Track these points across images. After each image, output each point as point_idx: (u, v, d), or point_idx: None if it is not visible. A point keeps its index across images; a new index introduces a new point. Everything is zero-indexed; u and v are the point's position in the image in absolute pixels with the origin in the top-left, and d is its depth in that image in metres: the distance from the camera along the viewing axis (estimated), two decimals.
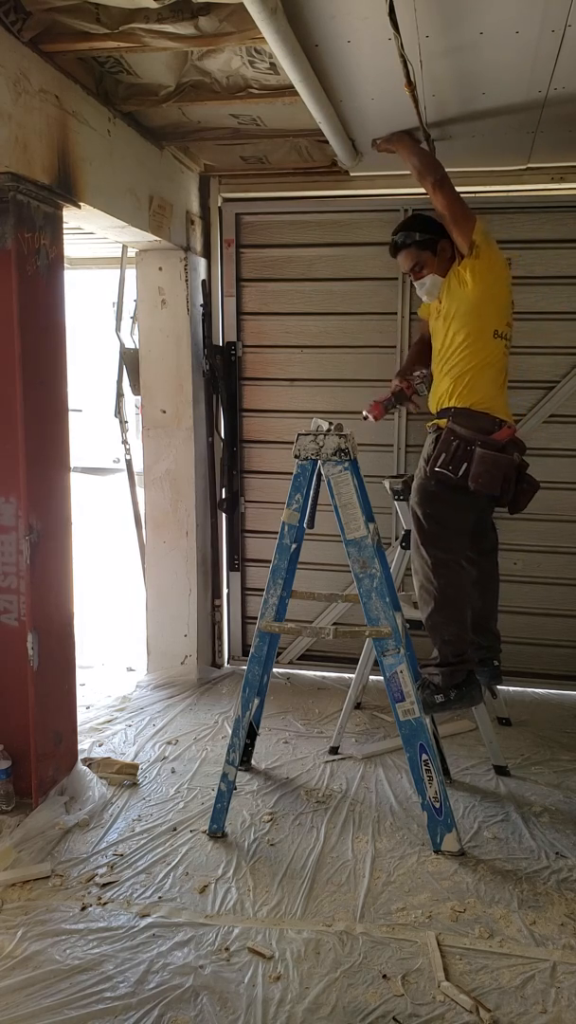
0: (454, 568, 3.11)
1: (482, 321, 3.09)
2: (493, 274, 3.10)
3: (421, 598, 3.12)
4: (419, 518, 3.09)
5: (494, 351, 3.12)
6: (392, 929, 2.44)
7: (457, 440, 3.01)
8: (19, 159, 2.67)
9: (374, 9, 2.29)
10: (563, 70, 2.72)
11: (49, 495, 2.98)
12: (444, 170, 3.12)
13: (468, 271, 3.07)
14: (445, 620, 3.06)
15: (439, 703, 2.99)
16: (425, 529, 3.07)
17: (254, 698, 3.06)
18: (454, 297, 3.12)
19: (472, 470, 2.99)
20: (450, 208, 3.07)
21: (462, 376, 3.10)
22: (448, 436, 3.03)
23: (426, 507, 3.07)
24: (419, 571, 3.12)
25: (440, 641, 3.06)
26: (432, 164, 3.16)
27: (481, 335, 3.09)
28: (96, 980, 2.21)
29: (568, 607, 4.30)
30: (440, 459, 3.02)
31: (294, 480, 2.88)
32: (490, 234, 3.14)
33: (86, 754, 3.47)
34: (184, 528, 4.36)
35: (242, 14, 2.43)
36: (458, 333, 3.10)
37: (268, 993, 2.17)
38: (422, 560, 3.09)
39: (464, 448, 3.00)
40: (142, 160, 3.62)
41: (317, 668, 4.58)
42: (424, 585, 3.10)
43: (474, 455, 2.99)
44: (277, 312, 4.40)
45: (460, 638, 3.09)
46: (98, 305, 7.55)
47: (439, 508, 3.08)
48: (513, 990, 2.19)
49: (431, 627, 3.09)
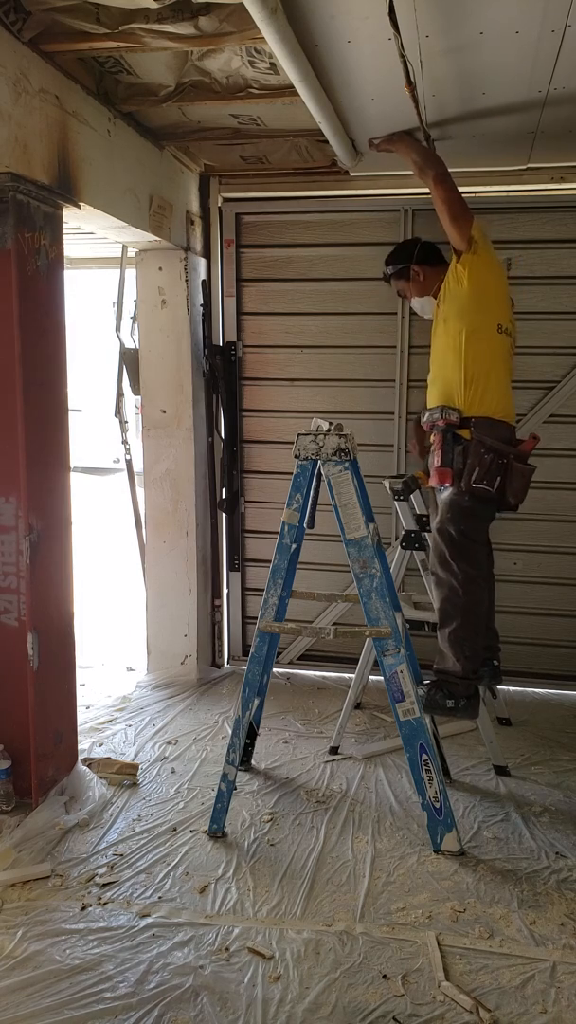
0: (481, 585, 3.10)
1: (484, 315, 3.08)
2: (490, 268, 3.11)
3: (444, 612, 3.08)
4: (450, 534, 3.04)
5: (500, 347, 3.10)
6: (392, 929, 2.44)
7: (489, 453, 2.98)
8: (19, 159, 2.67)
9: (374, 9, 2.29)
10: (563, 70, 2.72)
11: (49, 495, 2.98)
12: (445, 166, 3.12)
13: (466, 267, 3.07)
14: (468, 636, 3.06)
15: (449, 707, 3.02)
16: (458, 544, 3.04)
17: (254, 698, 3.06)
18: (453, 296, 3.12)
19: (511, 486, 3.00)
20: (449, 203, 3.07)
21: (475, 380, 3.06)
22: (479, 449, 2.99)
23: (460, 523, 3.03)
24: (445, 585, 3.08)
25: (462, 656, 3.04)
26: (433, 159, 3.16)
27: (486, 330, 3.07)
28: (96, 980, 2.21)
29: (568, 607, 4.31)
30: (475, 473, 2.98)
31: (294, 480, 2.88)
32: (487, 235, 3.14)
33: (86, 754, 3.47)
34: (184, 528, 4.36)
35: (242, 14, 2.43)
36: (462, 330, 3.07)
37: (268, 993, 2.17)
38: (450, 575, 3.05)
39: (497, 461, 2.98)
40: (142, 160, 3.62)
41: (317, 668, 4.58)
42: (451, 599, 3.06)
43: (511, 469, 2.99)
44: (277, 312, 4.41)
45: (478, 654, 3.10)
46: (98, 305, 7.57)
47: (472, 523, 3.05)
48: (513, 990, 2.19)
49: (453, 641, 3.06)
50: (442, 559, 3.08)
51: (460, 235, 3.07)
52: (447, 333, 3.13)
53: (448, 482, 3.03)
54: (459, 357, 3.07)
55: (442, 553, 3.07)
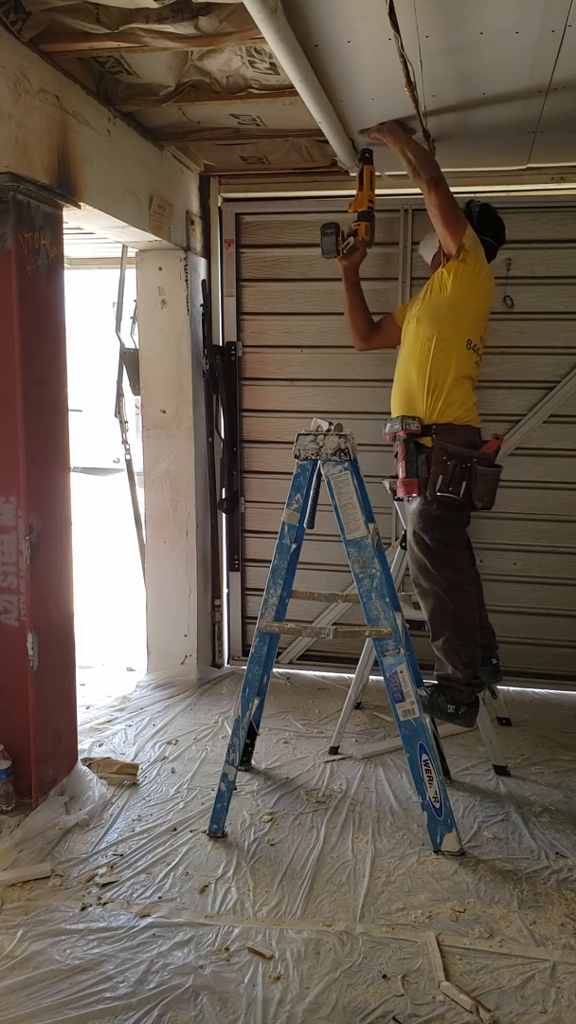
0: (467, 590, 3.10)
1: (456, 327, 3.07)
2: (475, 283, 3.08)
3: (436, 622, 3.08)
4: (426, 544, 3.04)
5: (467, 362, 3.10)
6: (392, 929, 2.44)
7: (452, 460, 2.98)
8: (19, 159, 2.67)
9: (374, 9, 2.29)
10: (563, 70, 2.72)
11: (49, 495, 2.98)
12: (439, 168, 3.09)
13: (451, 274, 3.06)
14: (464, 643, 3.05)
15: (449, 712, 3.03)
16: (436, 553, 3.04)
17: (254, 698, 3.06)
18: (432, 299, 3.12)
19: (476, 489, 3.00)
20: (443, 209, 3.05)
21: (437, 389, 3.07)
22: (440, 456, 3.00)
23: (432, 532, 3.04)
24: (431, 595, 3.07)
25: (460, 663, 3.04)
26: (428, 161, 3.11)
27: (453, 342, 3.06)
28: (96, 980, 2.21)
29: (568, 607, 4.30)
30: (439, 481, 2.99)
31: (294, 480, 2.88)
32: (479, 244, 3.12)
33: (86, 754, 3.47)
34: (184, 528, 4.36)
35: (242, 14, 2.43)
36: (432, 337, 3.07)
37: (268, 993, 2.17)
38: (435, 584, 3.05)
39: (461, 467, 2.98)
40: (142, 160, 3.62)
41: (317, 668, 4.58)
42: (440, 609, 3.06)
43: (474, 473, 2.99)
44: (277, 312, 4.41)
45: (475, 658, 3.10)
46: (98, 305, 7.56)
47: (445, 530, 3.05)
48: (513, 990, 2.19)
49: (448, 650, 3.05)
50: (423, 569, 3.07)
51: (452, 241, 3.05)
52: (416, 334, 3.13)
53: (415, 492, 3.05)
54: (424, 363, 3.08)
55: (422, 564, 3.07)
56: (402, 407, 3.18)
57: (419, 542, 3.07)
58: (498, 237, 3.36)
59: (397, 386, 3.23)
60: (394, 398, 3.25)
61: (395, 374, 3.27)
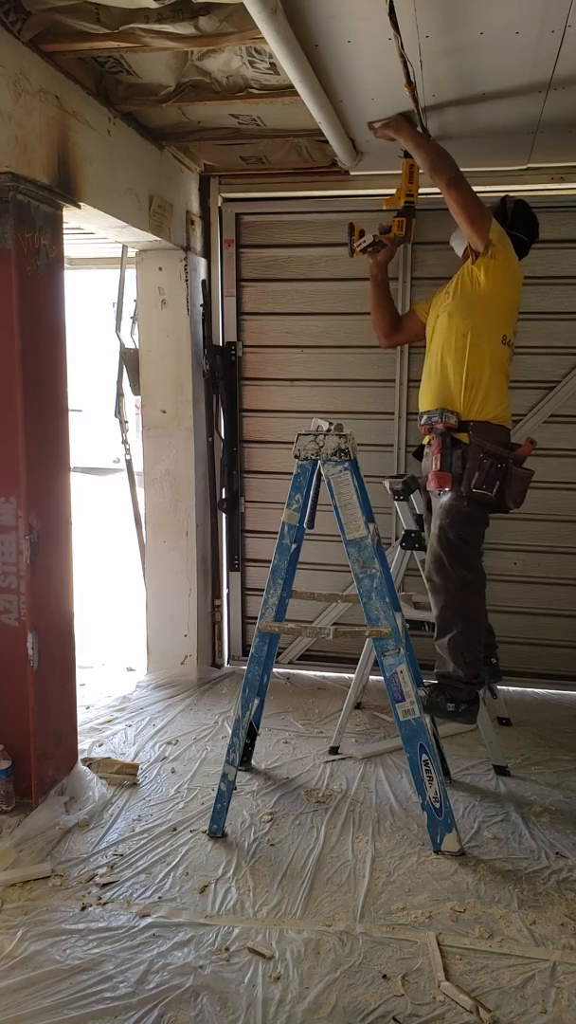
0: (479, 590, 3.09)
1: (491, 322, 3.05)
2: (506, 276, 3.05)
3: (444, 619, 3.06)
4: (448, 539, 3.02)
5: (502, 357, 3.09)
6: (392, 929, 2.44)
7: (488, 458, 2.97)
8: (19, 159, 2.67)
9: (374, 9, 2.29)
10: (563, 70, 2.72)
11: (49, 495, 2.98)
12: (457, 165, 3.00)
13: (482, 270, 3.02)
14: (469, 642, 3.04)
15: (449, 711, 3.02)
16: (456, 550, 3.02)
17: (254, 698, 3.06)
18: (465, 294, 3.08)
19: (510, 490, 2.99)
20: (466, 206, 2.98)
21: (476, 385, 3.04)
22: (478, 454, 2.98)
23: (459, 528, 3.01)
24: (442, 592, 3.06)
25: (463, 662, 3.03)
26: (446, 159, 3.01)
27: (490, 338, 3.04)
28: (96, 980, 2.21)
29: (568, 607, 4.31)
30: (475, 478, 2.97)
31: (294, 480, 2.88)
32: (506, 236, 3.09)
33: (86, 754, 3.47)
34: (184, 528, 4.36)
35: (242, 14, 2.43)
36: (468, 333, 3.04)
37: (268, 993, 2.17)
38: (449, 581, 3.03)
39: (496, 466, 2.97)
40: (142, 160, 3.62)
41: (317, 668, 4.58)
42: (450, 606, 3.04)
43: (509, 474, 2.98)
44: (277, 312, 4.41)
45: (478, 659, 3.09)
46: (98, 305, 7.55)
47: (469, 528, 3.03)
48: (513, 990, 2.19)
49: (453, 647, 3.04)
50: (439, 565, 3.05)
51: (478, 238, 3.00)
52: (450, 330, 3.09)
53: (448, 486, 3.02)
54: (461, 360, 3.05)
55: (440, 559, 3.05)
56: (437, 401, 3.12)
57: (442, 537, 3.04)
58: (531, 234, 3.31)
59: (429, 381, 3.18)
60: (425, 392, 3.19)
61: (425, 368, 3.22)
